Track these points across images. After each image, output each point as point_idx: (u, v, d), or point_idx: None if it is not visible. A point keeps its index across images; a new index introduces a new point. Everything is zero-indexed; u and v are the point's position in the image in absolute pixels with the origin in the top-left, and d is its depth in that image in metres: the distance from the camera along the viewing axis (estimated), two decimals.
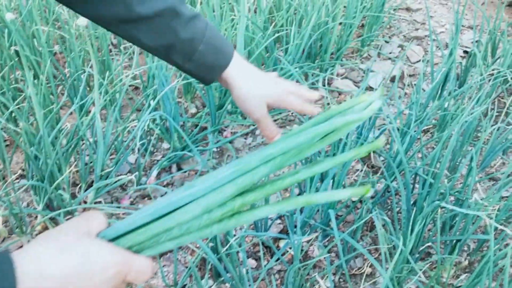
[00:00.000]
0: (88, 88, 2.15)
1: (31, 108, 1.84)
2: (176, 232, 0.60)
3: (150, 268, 0.60)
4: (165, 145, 1.98)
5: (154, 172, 1.80)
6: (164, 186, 1.81)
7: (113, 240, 0.59)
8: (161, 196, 1.78)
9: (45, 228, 1.64)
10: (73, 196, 1.72)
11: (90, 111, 1.96)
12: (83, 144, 1.82)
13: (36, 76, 2.08)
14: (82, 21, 1.35)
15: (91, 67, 2.06)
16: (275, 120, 2.09)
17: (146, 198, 1.76)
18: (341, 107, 0.64)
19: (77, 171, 1.79)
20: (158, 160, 1.91)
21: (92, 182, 1.75)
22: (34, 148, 1.62)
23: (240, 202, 0.60)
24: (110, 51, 2.37)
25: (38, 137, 1.63)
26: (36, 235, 1.63)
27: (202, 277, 1.52)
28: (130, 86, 2.22)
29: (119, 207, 1.71)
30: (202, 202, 0.60)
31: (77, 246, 0.54)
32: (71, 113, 2.01)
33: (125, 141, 1.78)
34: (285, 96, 0.83)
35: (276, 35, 2.19)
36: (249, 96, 0.81)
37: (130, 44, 2.24)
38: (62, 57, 2.37)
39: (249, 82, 0.81)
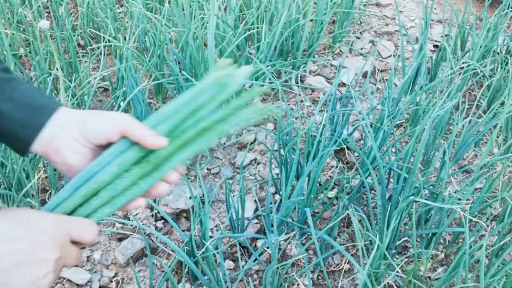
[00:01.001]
0: (55, 91, 2.09)
1: None
2: (105, 195, 0.63)
3: (92, 225, 0.62)
4: None
5: None
6: None
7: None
8: None
9: None
10: (43, 203, 1.67)
11: None
12: None
13: None
14: (44, 23, 1.31)
15: (57, 69, 2.00)
16: None
17: None
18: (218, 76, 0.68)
19: (46, 177, 1.74)
20: None
21: (62, 187, 1.70)
22: (0, 155, 1.57)
23: (153, 156, 0.65)
24: (77, 52, 2.31)
25: None
26: None
27: (179, 281, 1.49)
28: (98, 88, 2.16)
29: None
30: (116, 161, 0.63)
31: (10, 213, 0.55)
32: None
33: None
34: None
35: (247, 33, 2.17)
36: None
37: (98, 45, 2.19)
38: (27, 60, 2.30)
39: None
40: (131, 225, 1.63)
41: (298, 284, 1.50)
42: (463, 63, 2.25)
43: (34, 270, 0.53)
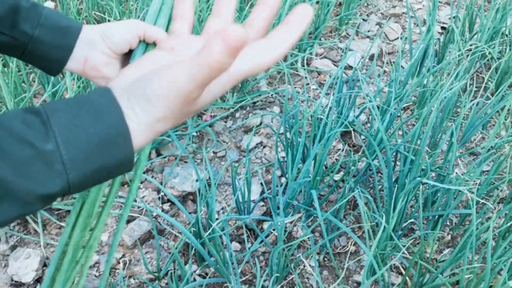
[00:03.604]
0: (61, 75, 2.09)
1: (2, 97, 1.78)
2: None
3: None
4: None
5: None
6: (143, 173, 1.78)
7: None
8: (141, 183, 1.75)
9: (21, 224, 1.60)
10: None
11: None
12: None
13: (5, 65, 2.02)
14: (49, 4, 1.30)
15: None
16: (254, 103, 2.07)
17: (126, 185, 1.73)
18: None
19: None
20: None
21: None
22: None
23: None
24: None
25: None
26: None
27: (185, 263, 1.50)
28: None
29: None
30: None
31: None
32: (44, 101, 1.96)
33: None
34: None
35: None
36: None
37: None
38: None
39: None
40: (138, 207, 1.64)
41: (304, 266, 1.51)
42: (471, 45, 2.23)
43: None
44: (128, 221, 1.61)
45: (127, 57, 0.71)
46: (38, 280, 1.46)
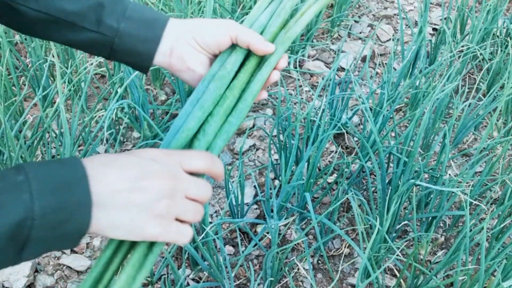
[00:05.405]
0: (51, 78, 2.07)
1: None
2: (214, 122, 0.64)
3: (204, 154, 0.60)
4: (136, 134, 1.93)
5: None
6: None
7: None
8: None
9: None
10: None
11: (55, 102, 1.89)
12: (48, 136, 1.76)
13: None
14: None
15: (53, 56, 1.98)
16: None
17: None
18: None
19: None
20: (128, 150, 1.86)
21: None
22: None
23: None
24: None
25: (1, 130, 1.56)
26: None
27: (179, 267, 1.49)
28: (95, 74, 2.15)
29: None
30: (214, 84, 0.64)
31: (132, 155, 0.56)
32: (35, 105, 1.94)
33: (93, 132, 1.73)
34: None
35: (245, 17, 2.15)
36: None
37: None
38: (23, 47, 2.27)
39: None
40: None
41: (298, 269, 1.50)
42: (462, 46, 2.24)
43: (146, 196, 0.51)
44: None
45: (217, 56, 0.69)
46: (30, 286, 1.44)
